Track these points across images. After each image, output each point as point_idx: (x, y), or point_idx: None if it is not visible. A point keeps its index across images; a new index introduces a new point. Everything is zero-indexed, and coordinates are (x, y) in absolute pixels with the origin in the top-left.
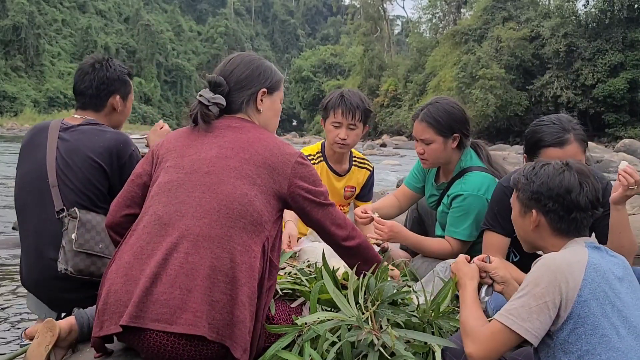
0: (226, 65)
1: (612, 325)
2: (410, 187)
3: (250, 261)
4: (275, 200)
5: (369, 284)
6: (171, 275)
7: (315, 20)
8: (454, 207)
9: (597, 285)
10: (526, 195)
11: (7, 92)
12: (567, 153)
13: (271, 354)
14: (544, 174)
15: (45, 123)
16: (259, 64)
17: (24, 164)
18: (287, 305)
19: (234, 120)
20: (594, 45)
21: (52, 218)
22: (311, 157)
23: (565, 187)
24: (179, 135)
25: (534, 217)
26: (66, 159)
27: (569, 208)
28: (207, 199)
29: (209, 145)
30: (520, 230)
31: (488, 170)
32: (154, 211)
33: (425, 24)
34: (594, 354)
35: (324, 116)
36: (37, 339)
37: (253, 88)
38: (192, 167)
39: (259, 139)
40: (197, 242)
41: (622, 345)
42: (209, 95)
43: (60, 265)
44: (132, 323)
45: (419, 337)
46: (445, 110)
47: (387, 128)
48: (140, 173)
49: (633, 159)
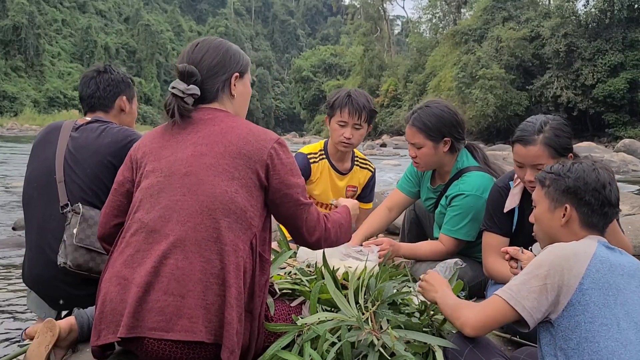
0: (193, 53)
1: (613, 316)
2: (405, 192)
3: (237, 261)
4: (257, 190)
5: (369, 284)
6: (163, 282)
7: (315, 20)
8: (452, 205)
9: (602, 275)
10: (560, 190)
11: (7, 92)
12: (529, 152)
13: (271, 354)
14: (578, 169)
15: (59, 122)
16: (227, 48)
17: (33, 161)
18: (286, 304)
19: (205, 112)
20: (594, 45)
21: (57, 213)
22: (313, 155)
23: (602, 182)
24: (153, 137)
25: (568, 211)
26: (75, 155)
27: (603, 202)
28: (189, 201)
29: (184, 144)
30: (546, 226)
31: (486, 171)
32: (139, 218)
33: (425, 24)
34: (592, 342)
35: (329, 114)
36: (37, 339)
37: (226, 74)
38: (170, 169)
39: (231, 128)
40: (185, 248)
41: (621, 337)
42: (182, 86)
43: (60, 258)
44: (130, 334)
45: (419, 337)
46: (435, 115)
47: (387, 128)
48: (121, 181)
49: (633, 159)
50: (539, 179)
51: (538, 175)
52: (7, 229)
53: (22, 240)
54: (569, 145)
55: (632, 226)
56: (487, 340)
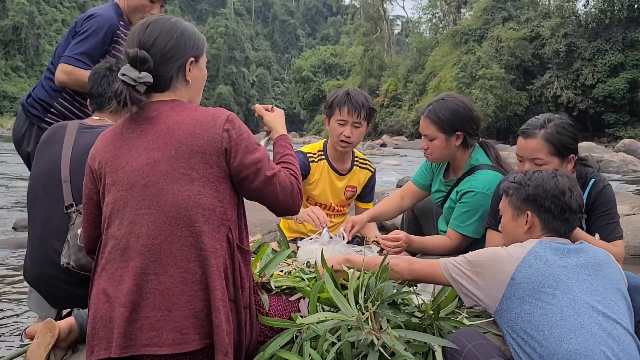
0: (144, 35)
1: (553, 305)
2: (417, 185)
3: (218, 262)
4: (221, 183)
5: (369, 284)
6: (149, 299)
7: (315, 20)
8: (462, 202)
9: (535, 270)
10: (520, 198)
11: (7, 92)
12: (528, 145)
13: (270, 353)
14: (538, 177)
15: (64, 123)
16: (182, 30)
17: (39, 160)
18: (282, 299)
19: (151, 109)
20: (594, 45)
21: (61, 213)
22: (312, 155)
23: (561, 189)
24: (105, 144)
25: (529, 217)
26: (82, 157)
27: (563, 208)
28: (155, 214)
29: (136, 151)
30: (511, 233)
31: (498, 169)
32: (112, 234)
33: (425, 24)
34: (537, 331)
35: (328, 114)
36: (37, 339)
37: (181, 59)
38: (128, 181)
39: (177, 124)
40: (162, 261)
41: (566, 323)
42: (134, 74)
43: (63, 259)
44: (124, 353)
45: (419, 337)
46: (450, 109)
47: (387, 128)
48: (88, 194)
49: (633, 159)
50: (504, 189)
51: (502, 185)
52: (7, 229)
53: (23, 240)
54: (572, 145)
55: (632, 226)
56: (487, 340)
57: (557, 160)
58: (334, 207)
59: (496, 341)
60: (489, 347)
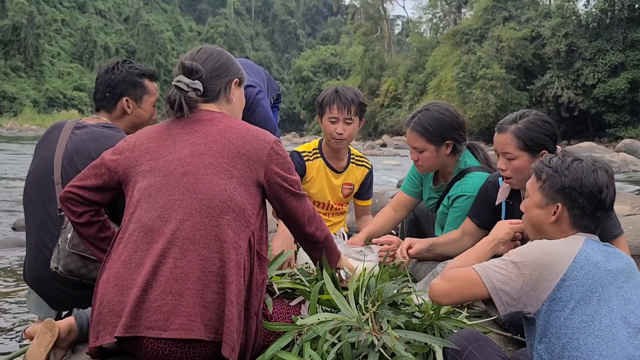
0: (198, 54)
1: (594, 312)
2: (408, 193)
3: (238, 258)
4: (255, 189)
5: (369, 284)
6: (161, 282)
7: (315, 20)
8: (454, 206)
9: (586, 273)
10: (555, 188)
11: (6, 92)
12: (499, 139)
13: (271, 354)
14: (577, 169)
15: (62, 121)
16: (228, 56)
17: (34, 160)
18: (285, 304)
19: (204, 113)
20: (595, 45)
21: (55, 215)
22: (307, 154)
23: (599, 186)
24: (149, 136)
25: (559, 210)
26: (72, 157)
27: (597, 207)
28: (188, 200)
29: (182, 144)
30: (535, 219)
31: (487, 170)
32: (138, 218)
33: (425, 24)
34: (572, 338)
35: (320, 113)
36: (37, 339)
37: (228, 77)
38: (167, 169)
39: (230, 127)
40: (184, 246)
41: (602, 334)
42: (187, 80)
43: (52, 263)
44: (127, 333)
45: (419, 338)
46: (435, 119)
47: (387, 128)
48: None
49: (634, 159)
50: (535, 170)
51: (535, 165)
52: (7, 229)
53: (22, 240)
54: (543, 141)
55: (633, 226)
56: (487, 341)
57: (527, 155)
58: (332, 206)
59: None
60: (490, 349)
